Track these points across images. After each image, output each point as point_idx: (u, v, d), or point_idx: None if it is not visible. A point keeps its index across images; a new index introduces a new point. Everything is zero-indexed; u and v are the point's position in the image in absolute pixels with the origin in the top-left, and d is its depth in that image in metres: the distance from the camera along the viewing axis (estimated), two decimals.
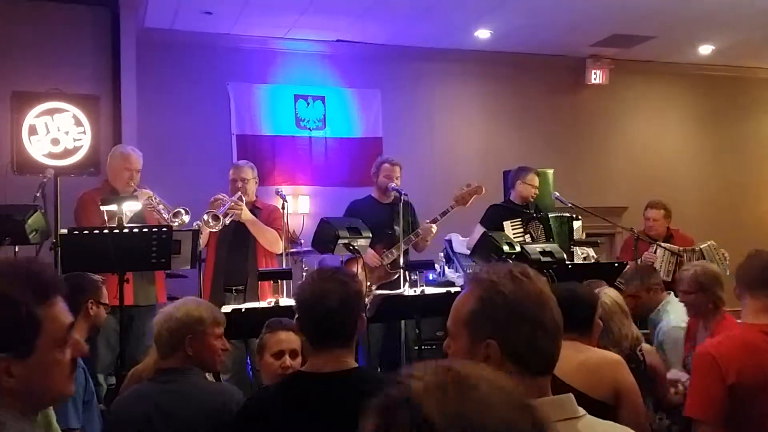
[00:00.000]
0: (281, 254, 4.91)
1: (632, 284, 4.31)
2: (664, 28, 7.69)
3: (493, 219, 5.51)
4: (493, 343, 1.35)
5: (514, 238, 5.34)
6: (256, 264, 4.77)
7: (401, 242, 4.94)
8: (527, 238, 5.36)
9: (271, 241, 4.81)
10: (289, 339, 2.85)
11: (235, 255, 4.83)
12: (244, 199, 4.84)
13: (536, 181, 5.70)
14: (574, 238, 5.53)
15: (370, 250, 5.00)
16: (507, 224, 5.47)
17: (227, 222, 4.71)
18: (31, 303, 1.33)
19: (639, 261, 5.49)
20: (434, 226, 5.11)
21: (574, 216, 5.62)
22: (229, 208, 4.70)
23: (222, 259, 4.85)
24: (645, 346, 3.26)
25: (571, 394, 1.40)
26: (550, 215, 5.54)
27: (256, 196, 5.08)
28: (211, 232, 4.74)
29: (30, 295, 1.33)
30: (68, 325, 1.38)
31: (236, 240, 4.83)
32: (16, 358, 1.30)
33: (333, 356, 2.07)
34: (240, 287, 4.74)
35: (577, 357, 2.44)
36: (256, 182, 5.08)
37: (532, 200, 5.66)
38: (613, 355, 2.61)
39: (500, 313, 1.36)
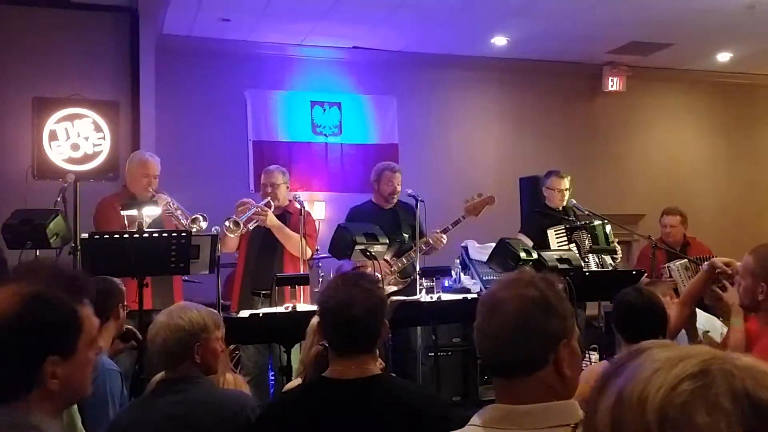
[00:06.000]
0: (309, 259, 4.90)
1: None
2: (681, 35, 7.66)
3: (535, 226, 5.44)
4: None
5: (559, 246, 5.27)
6: (283, 269, 4.78)
7: (389, 251, 4.90)
8: (572, 247, 5.25)
9: (298, 247, 4.81)
10: None
11: (264, 259, 4.84)
12: (272, 204, 4.85)
13: (561, 183, 5.57)
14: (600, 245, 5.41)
15: (382, 261, 5.00)
16: (551, 232, 5.37)
17: (250, 227, 4.73)
18: (74, 303, 1.35)
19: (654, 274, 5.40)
20: (444, 236, 5.08)
21: (606, 221, 5.53)
22: (253, 214, 4.71)
23: (251, 263, 4.87)
24: None
25: (574, 401, 1.42)
26: (595, 223, 5.43)
27: (289, 201, 5.07)
28: (242, 236, 4.76)
29: (71, 296, 1.35)
30: (98, 325, 1.41)
31: (265, 244, 4.84)
32: (62, 358, 1.33)
33: (356, 363, 2.06)
34: (267, 291, 4.75)
35: None
36: (288, 187, 5.08)
37: (561, 203, 5.55)
38: None
39: None
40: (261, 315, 3.79)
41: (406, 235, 5.14)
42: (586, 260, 5.24)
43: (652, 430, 0.66)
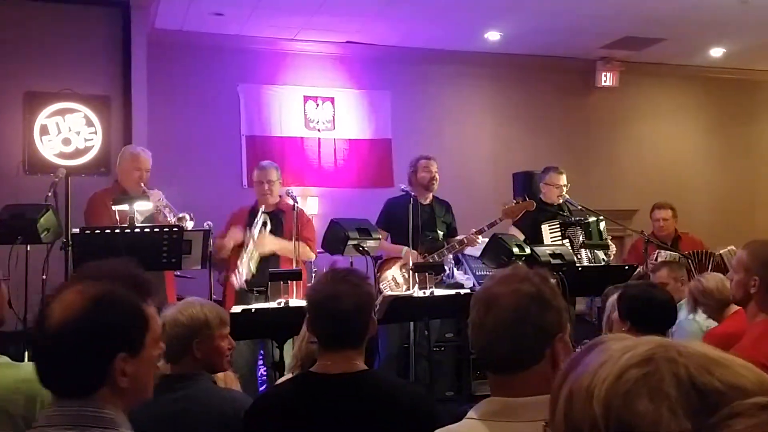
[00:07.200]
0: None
1: (661, 271, 4.41)
2: (675, 30, 7.66)
3: (530, 221, 5.43)
4: None
5: (552, 241, 5.29)
6: (279, 265, 4.77)
7: (417, 245, 4.92)
8: (566, 242, 5.27)
9: (305, 255, 4.80)
10: None
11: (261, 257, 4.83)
12: (264, 231, 4.80)
13: (559, 179, 5.58)
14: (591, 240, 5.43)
15: (414, 253, 5.00)
16: (545, 227, 5.37)
17: (255, 232, 4.73)
18: (140, 302, 1.39)
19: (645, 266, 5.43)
20: (479, 237, 5.06)
21: (601, 217, 5.54)
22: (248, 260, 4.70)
23: None
24: None
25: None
26: (590, 219, 5.44)
27: (280, 197, 5.05)
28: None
29: (137, 295, 1.39)
30: (162, 324, 1.44)
31: None
32: (130, 356, 1.36)
33: (343, 358, 2.06)
34: (262, 288, 4.73)
35: None
36: (281, 183, 5.07)
37: (559, 199, 5.56)
38: None
39: None
40: (253, 311, 3.78)
41: (441, 233, 5.14)
42: (579, 256, 5.26)
43: (599, 421, 0.66)
